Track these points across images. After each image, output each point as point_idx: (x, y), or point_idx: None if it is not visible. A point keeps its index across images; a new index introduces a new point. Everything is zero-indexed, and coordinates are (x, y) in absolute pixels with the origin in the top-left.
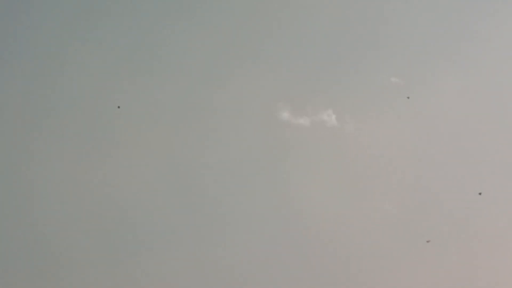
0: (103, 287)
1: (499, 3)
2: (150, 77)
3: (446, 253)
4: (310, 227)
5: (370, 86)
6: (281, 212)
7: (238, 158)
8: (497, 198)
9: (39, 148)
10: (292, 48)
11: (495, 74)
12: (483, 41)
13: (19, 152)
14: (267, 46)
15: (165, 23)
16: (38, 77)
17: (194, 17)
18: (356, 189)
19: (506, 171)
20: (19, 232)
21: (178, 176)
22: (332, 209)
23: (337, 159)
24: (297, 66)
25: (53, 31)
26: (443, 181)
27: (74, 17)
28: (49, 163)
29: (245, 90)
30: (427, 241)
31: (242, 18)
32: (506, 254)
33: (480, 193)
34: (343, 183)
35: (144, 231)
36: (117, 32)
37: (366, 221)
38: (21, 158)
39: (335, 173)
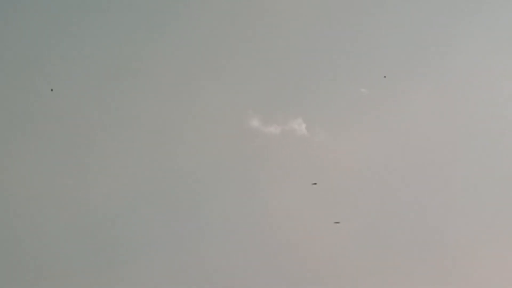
0: None
1: (466, 18)
2: (125, 87)
3: (414, 267)
4: (279, 235)
5: (340, 97)
6: (250, 220)
7: (208, 165)
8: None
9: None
10: (263, 57)
11: (463, 86)
12: (450, 54)
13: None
14: (238, 55)
15: (138, 36)
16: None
17: (167, 27)
18: (324, 198)
19: (474, 184)
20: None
21: (150, 183)
22: (300, 217)
23: (306, 168)
24: (268, 75)
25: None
26: (411, 191)
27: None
28: (32, 166)
29: (215, 98)
30: (336, 222)
31: (214, 28)
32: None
33: (337, 222)
34: (312, 192)
35: (121, 239)
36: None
37: (333, 230)
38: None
39: (304, 182)
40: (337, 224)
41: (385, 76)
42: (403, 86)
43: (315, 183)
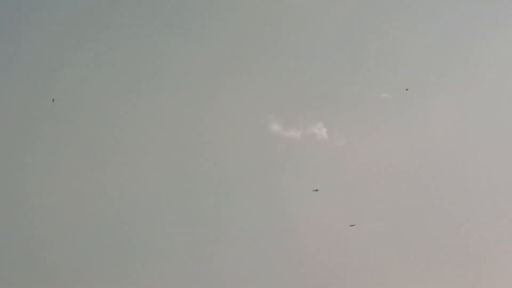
0: None
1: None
2: (144, 91)
3: (434, 272)
4: (299, 238)
5: (361, 101)
6: (270, 223)
7: (228, 169)
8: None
9: (38, 152)
10: (283, 62)
11: (483, 92)
12: (469, 61)
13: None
14: (258, 59)
15: (158, 38)
16: (39, 79)
17: (187, 31)
18: (345, 202)
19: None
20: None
21: (169, 186)
22: (321, 222)
23: (327, 173)
24: (289, 79)
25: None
26: (431, 197)
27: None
28: (49, 165)
29: (236, 102)
30: (351, 225)
31: (235, 32)
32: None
33: (352, 225)
34: (332, 196)
35: (138, 243)
36: (112, 51)
37: (354, 234)
38: (21, 162)
39: (325, 186)
40: (353, 226)
41: (407, 89)
42: (426, 91)
43: (316, 190)
